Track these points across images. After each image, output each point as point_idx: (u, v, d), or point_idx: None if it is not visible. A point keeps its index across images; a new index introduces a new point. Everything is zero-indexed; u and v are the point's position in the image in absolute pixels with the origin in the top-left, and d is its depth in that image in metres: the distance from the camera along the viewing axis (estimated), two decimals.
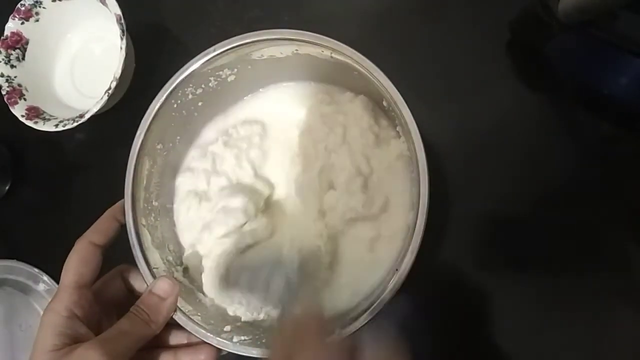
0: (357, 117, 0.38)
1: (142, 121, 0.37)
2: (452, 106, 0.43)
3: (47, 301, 0.47)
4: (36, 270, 0.47)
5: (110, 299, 0.35)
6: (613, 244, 0.41)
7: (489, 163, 0.43)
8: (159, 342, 0.35)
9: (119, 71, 0.43)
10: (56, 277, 0.47)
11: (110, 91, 0.43)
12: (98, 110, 0.44)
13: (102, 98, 0.43)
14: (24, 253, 0.48)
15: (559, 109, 0.43)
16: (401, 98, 0.32)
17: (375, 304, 0.31)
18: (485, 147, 0.43)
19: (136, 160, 0.36)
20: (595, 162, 0.42)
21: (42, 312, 0.46)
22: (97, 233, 0.34)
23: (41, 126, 0.45)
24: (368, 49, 0.34)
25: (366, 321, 0.31)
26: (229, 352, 0.33)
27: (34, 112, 0.46)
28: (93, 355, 0.29)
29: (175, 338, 0.35)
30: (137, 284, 0.36)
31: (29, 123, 0.45)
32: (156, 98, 0.37)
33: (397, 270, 0.31)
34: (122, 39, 0.43)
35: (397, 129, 0.36)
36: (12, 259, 0.47)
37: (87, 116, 0.44)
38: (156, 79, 0.37)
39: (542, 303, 0.41)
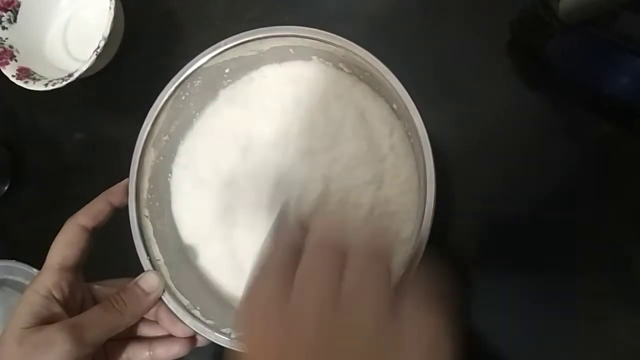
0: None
1: (150, 112, 0.37)
2: (452, 106, 0.43)
3: None
4: (35, 270, 0.46)
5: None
6: (613, 243, 0.41)
7: (489, 162, 0.43)
8: (135, 334, 0.35)
9: (108, 30, 0.44)
10: None
11: (98, 50, 0.44)
12: (87, 71, 0.44)
13: (90, 57, 0.44)
14: (22, 253, 0.48)
15: (559, 108, 0.43)
16: (413, 104, 0.33)
17: None
18: (485, 147, 0.43)
19: (142, 151, 0.36)
20: (596, 162, 0.42)
21: None
22: (87, 216, 0.34)
23: (31, 86, 0.46)
24: (368, 49, 0.34)
25: None
26: (211, 343, 0.34)
27: (25, 73, 0.47)
28: (58, 338, 0.29)
29: (153, 331, 0.35)
30: None
31: (19, 83, 0.46)
32: (164, 90, 0.37)
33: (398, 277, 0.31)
34: None
35: (409, 133, 0.36)
36: (11, 259, 0.47)
37: (75, 75, 0.44)
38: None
39: (541, 303, 0.41)
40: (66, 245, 0.33)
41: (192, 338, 0.35)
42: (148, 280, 0.34)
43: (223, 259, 0.38)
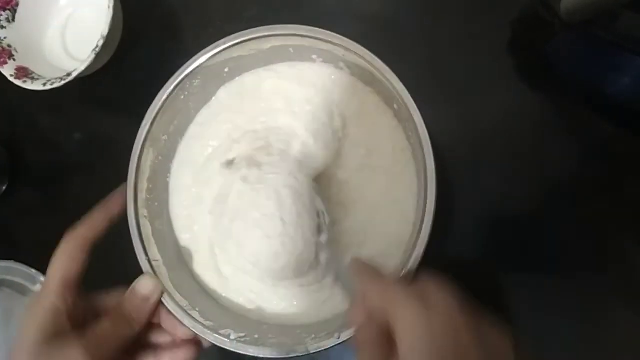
0: None
1: (148, 111, 0.37)
2: (453, 106, 0.43)
3: None
4: (34, 271, 0.46)
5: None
6: (614, 244, 0.41)
7: (490, 163, 0.42)
8: (140, 341, 0.35)
9: (107, 29, 0.44)
10: None
11: (97, 49, 0.44)
12: (85, 70, 0.44)
13: (89, 57, 0.44)
14: (21, 254, 0.47)
15: (560, 108, 0.43)
16: (413, 103, 0.33)
17: None
18: (486, 147, 0.43)
19: (140, 151, 0.36)
20: (597, 162, 0.42)
21: None
22: (88, 227, 0.34)
23: (30, 85, 0.45)
24: (368, 49, 0.34)
25: None
26: (212, 345, 0.34)
27: (23, 72, 0.47)
28: (76, 356, 0.29)
29: (158, 337, 0.35)
30: None
31: (17, 82, 0.46)
32: (163, 89, 0.37)
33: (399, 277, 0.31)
34: None
35: (409, 133, 0.36)
36: (10, 259, 0.47)
37: (74, 74, 0.44)
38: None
39: (541, 303, 0.41)
40: (68, 258, 0.33)
41: (197, 343, 0.34)
42: (145, 285, 0.34)
43: (213, 259, 0.38)
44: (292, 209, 0.34)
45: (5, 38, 0.48)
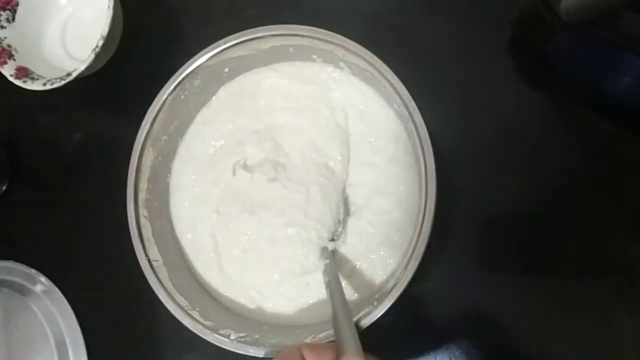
0: None
1: (148, 111, 0.37)
2: (453, 106, 0.43)
3: (44, 302, 0.46)
4: (33, 271, 0.46)
5: None
6: (615, 244, 0.40)
7: (491, 163, 0.42)
8: None
9: (107, 29, 0.43)
10: (53, 278, 0.46)
11: (97, 49, 0.44)
12: (85, 70, 0.44)
13: (89, 57, 0.44)
14: (21, 254, 0.47)
15: (561, 108, 0.43)
16: (413, 103, 0.33)
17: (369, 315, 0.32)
18: (486, 147, 0.42)
19: (140, 151, 0.36)
20: (598, 162, 0.42)
21: (39, 313, 0.46)
22: None
23: (30, 85, 0.45)
24: (368, 49, 0.34)
25: (364, 327, 0.31)
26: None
27: (23, 72, 0.47)
28: None
29: None
30: None
31: (17, 82, 0.46)
32: (163, 89, 0.37)
33: (400, 276, 0.31)
34: None
35: (409, 133, 0.36)
36: (9, 259, 0.47)
37: (74, 74, 0.44)
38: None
39: (541, 303, 0.40)
40: None
41: None
42: None
43: (217, 258, 0.38)
44: (318, 206, 0.35)
45: (5, 38, 0.48)
